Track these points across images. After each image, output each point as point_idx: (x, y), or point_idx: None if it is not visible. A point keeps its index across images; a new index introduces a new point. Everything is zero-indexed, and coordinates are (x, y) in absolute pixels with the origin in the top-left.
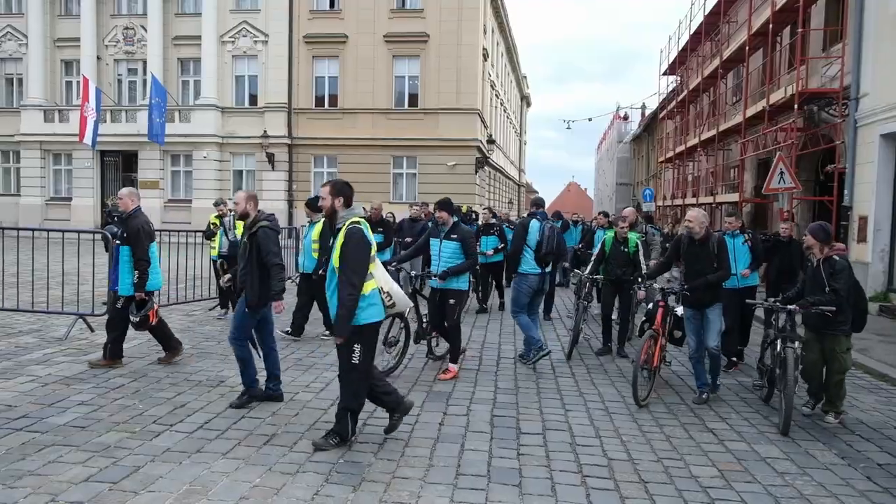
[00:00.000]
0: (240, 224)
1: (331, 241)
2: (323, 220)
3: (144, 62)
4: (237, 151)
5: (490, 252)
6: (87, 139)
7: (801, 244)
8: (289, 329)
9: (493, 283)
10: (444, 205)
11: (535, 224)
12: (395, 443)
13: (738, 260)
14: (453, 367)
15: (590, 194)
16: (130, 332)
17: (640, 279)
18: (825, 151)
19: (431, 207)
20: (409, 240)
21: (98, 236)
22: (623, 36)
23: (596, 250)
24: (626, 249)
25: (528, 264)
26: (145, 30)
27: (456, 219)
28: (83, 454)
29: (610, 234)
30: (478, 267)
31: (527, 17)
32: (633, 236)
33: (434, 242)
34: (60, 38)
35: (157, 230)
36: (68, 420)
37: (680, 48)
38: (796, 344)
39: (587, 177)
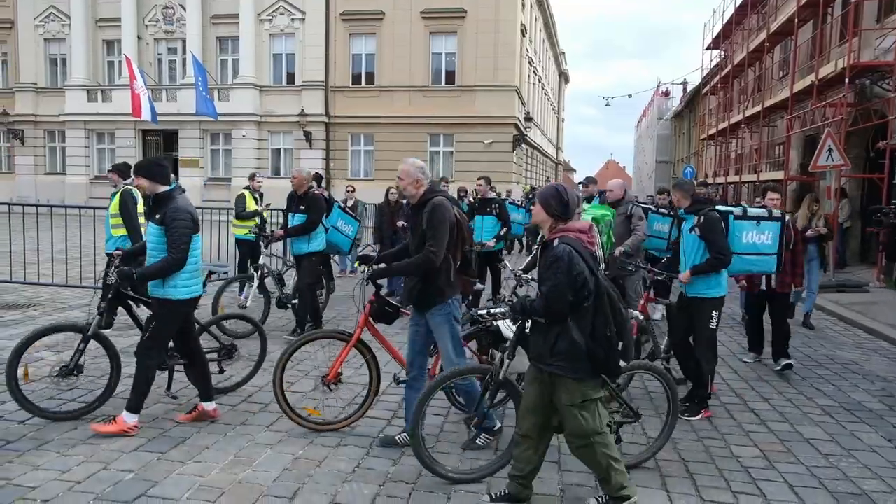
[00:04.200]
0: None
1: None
2: (122, 191)
3: (184, 41)
4: (275, 130)
5: (490, 242)
6: (146, 114)
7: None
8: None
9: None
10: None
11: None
12: (434, 417)
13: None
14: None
15: (629, 172)
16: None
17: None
18: (877, 127)
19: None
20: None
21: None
22: (665, 11)
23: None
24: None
25: None
26: (184, 9)
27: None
28: None
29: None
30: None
31: None
32: (584, 219)
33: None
34: (102, 18)
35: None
36: (118, 392)
37: (724, 21)
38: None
39: (626, 154)
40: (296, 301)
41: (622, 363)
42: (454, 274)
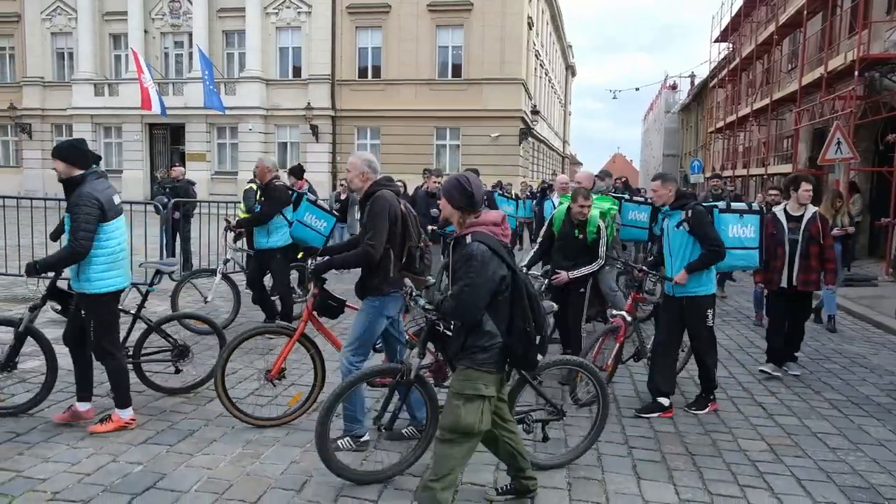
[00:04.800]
0: None
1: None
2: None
3: (190, 35)
4: (281, 123)
5: None
6: (156, 108)
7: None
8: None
9: None
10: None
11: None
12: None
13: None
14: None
15: (635, 166)
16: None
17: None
18: (886, 120)
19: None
20: (431, 228)
21: (150, 207)
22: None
23: (543, 230)
24: (580, 235)
25: None
26: (190, 2)
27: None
28: (141, 417)
29: (562, 207)
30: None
31: None
32: (594, 215)
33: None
34: (108, 12)
35: (204, 201)
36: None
37: (733, 14)
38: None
39: (633, 148)
40: (274, 298)
41: (540, 358)
42: (394, 270)
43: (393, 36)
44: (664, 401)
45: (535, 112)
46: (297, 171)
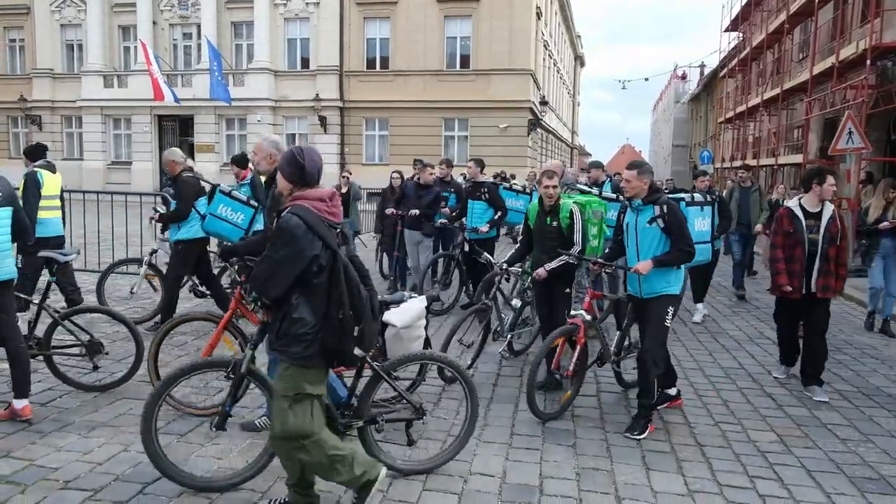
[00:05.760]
0: None
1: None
2: (26, 174)
3: (199, 26)
4: (290, 115)
5: (484, 228)
6: (168, 97)
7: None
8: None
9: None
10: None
11: None
12: (449, 402)
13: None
14: None
15: (645, 156)
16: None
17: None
18: None
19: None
20: (414, 212)
21: (159, 199)
22: None
23: (522, 225)
24: (554, 222)
25: None
26: None
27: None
28: None
29: (534, 202)
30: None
31: None
32: (566, 201)
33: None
34: (117, 3)
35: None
36: (138, 375)
37: (743, 3)
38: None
39: (642, 139)
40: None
41: (359, 351)
42: None
43: (401, 27)
44: (671, 390)
45: (543, 103)
46: (241, 161)
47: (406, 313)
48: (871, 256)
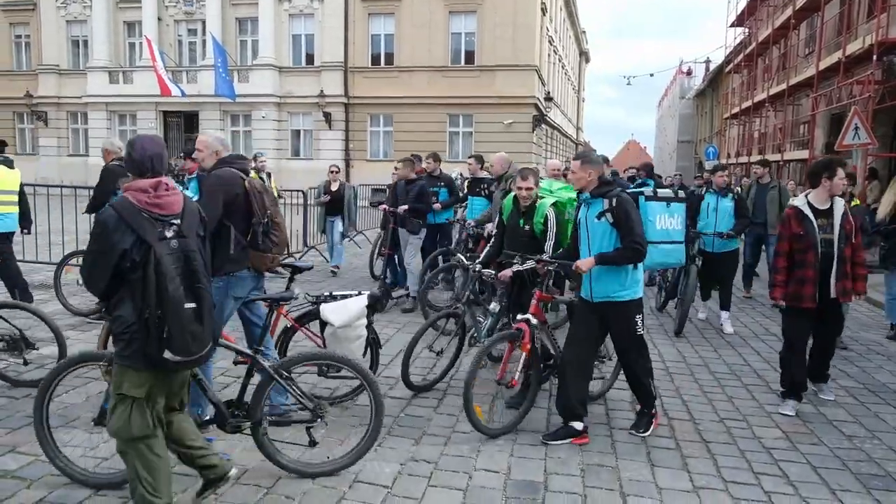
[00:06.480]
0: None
1: None
2: None
3: (203, 22)
4: (295, 111)
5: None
6: (175, 91)
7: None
8: None
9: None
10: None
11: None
12: (454, 398)
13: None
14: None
15: (650, 152)
16: None
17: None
18: None
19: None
20: (403, 208)
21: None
22: None
23: (496, 221)
24: (527, 226)
25: None
26: None
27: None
28: None
29: (509, 197)
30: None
31: None
32: (544, 203)
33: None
34: None
35: None
36: None
37: None
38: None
39: (647, 135)
40: None
41: (168, 355)
42: (235, 248)
43: (406, 22)
44: (577, 424)
45: (548, 99)
46: (190, 153)
47: (344, 312)
48: (894, 261)
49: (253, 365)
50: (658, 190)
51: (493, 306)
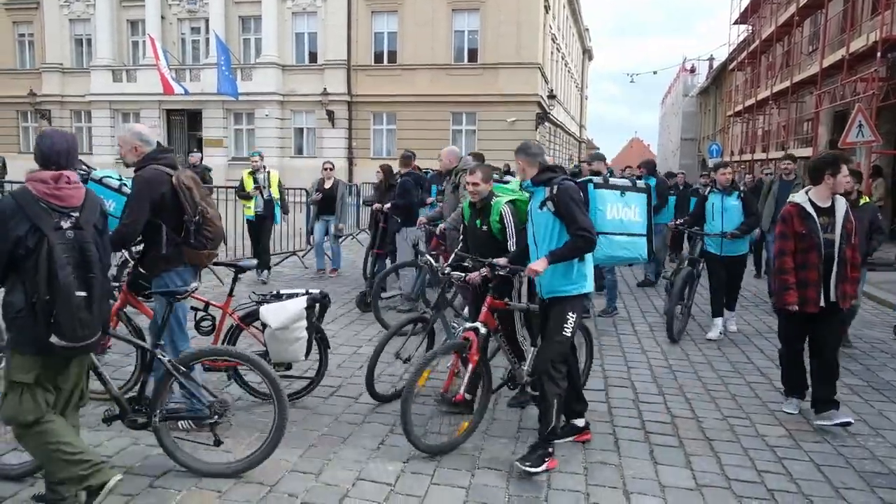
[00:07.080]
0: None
1: None
2: None
3: (206, 21)
4: (298, 109)
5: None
6: (178, 89)
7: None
8: None
9: None
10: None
11: None
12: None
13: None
14: None
15: (653, 150)
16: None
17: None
18: None
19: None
20: (387, 206)
21: None
22: None
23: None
24: (484, 226)
25: None
26: None
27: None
28: None
29: (467, 201)
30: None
31: None
32: (499, 201)
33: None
34: None
35: (221, 187)
36: None
37: None
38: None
39: (650, 133)
40: None
41: (56, 340)
42: (168, 246)
43: (409, 20)
44: (579, 421)
45: (551, 96)
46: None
47: (283, 313)
48: None
49: (151, 360)
50: (612, 179)
51: (466, 312)
